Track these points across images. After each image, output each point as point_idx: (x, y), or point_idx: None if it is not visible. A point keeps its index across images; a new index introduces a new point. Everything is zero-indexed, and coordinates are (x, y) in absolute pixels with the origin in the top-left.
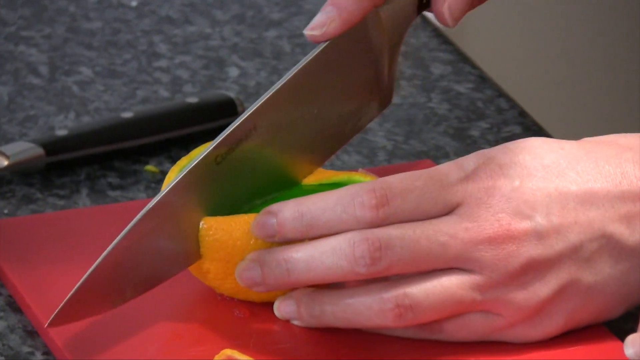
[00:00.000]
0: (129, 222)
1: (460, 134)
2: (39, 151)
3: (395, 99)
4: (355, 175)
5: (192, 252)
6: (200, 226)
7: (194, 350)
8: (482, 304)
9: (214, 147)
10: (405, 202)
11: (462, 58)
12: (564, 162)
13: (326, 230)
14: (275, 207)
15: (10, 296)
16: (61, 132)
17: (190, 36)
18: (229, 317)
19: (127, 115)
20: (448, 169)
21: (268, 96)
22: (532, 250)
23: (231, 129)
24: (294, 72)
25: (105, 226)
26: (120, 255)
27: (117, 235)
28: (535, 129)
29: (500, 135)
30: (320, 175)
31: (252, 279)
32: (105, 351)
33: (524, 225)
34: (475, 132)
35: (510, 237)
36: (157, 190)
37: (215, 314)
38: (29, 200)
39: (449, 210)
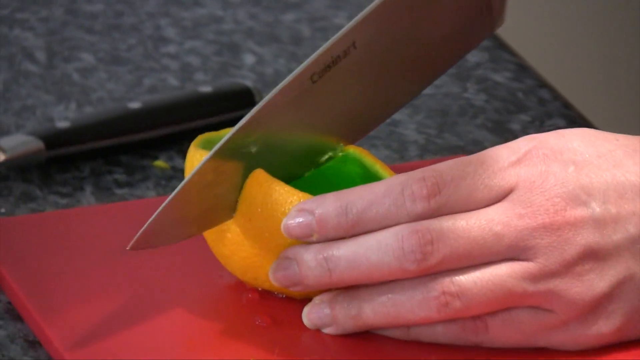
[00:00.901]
0: (137, 221)
1: (499, 127)
2: (38, 144)
3: (427, 89)
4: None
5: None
6: (251, 174)
7: None
8: (533, 296)
9: (311, 64)
10: (458, 189)
11: (500, 44)
12: (619, 153)
13: (374, 226)
14: (310, 203)
15: (9, 303)
16: (62, 124)
17: (200, 19)
18: (250, 325)
19: (134, 105)
20: (498, 152)
21: (367, 13)
22: (589, 238)
23: (329, 45)
24: None
25: (111, 226)
26: (209, 175)
27: (125, 236)
28: (580, 122)
29: (543, 129)
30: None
31: (289, 278)
32: None
33: (580, 211)
34: (515, 126)
35: (566, 223)
36: (167, 187)
37: (234, 322)
38: (27, 199)
39: (502, 196)
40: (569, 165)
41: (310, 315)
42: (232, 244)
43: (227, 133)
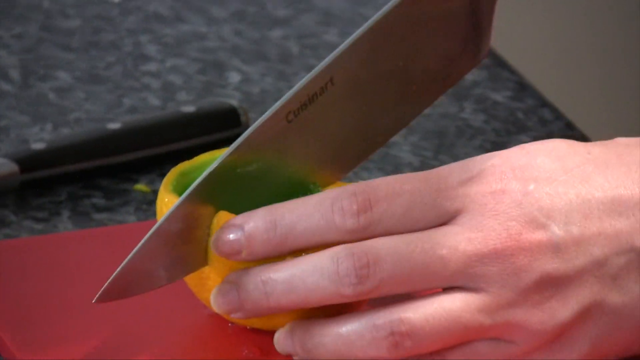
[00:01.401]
0: (117, 248)
1: (499, 149)
2: (13, 167)
3: None
4: None
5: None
6: (214, 220)
7: None
8: (492, 329)
9: (286, 102)
10: (392, 207)
11: (499, 62)
12: (589, 167)
13: (304, 242)
14: (240, 218)
15: None
16: (37, 146)
17: (183, 36)
18: (236, 356)
19: (114, 126)
20: (449, 169)
21: (346, 46)
22: (547, 265)
23: (306, 82)
24: (375, 20)
25: (89, 253)
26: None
27: (105, 263)
28: None
29: None
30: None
31: (229, 303)
32: None
33: (538, 235)
34: None
35: (521, 249)
36: (148, 212)
37: (221, 354)
38: (1, 224)
39: (446, 219)
40: (529, 183)
41: (279, 342)
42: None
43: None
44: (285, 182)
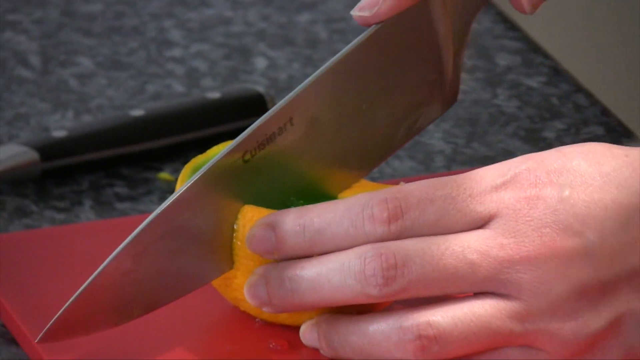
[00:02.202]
0: None
1: (533, 136)
2: (33, 156)
3: None
4: None
5: (216, 261)
6: (239, 215)
7: None
8: (522, 337)
9: (242, 142)
10: (424, 215)
11: (533, 47)
12: (627, 171)
13: (333, 247)
14: (273, 217)
15: (3, 326)
16: (58, 134)
17: (207, 21)
18: (263, 349)
19: (137, 113)
20: (483, 173)
21: (307, 85)
22: (581, 274)
23: (263, 121)
24: (339, 58)
25: (111, 244)
26: (127, 262)
27: None
28: (620, 130)
29: (580, 137)
30: (360, 187)
31: (258, 297)
32: None
33: (573, 242)
34: (549, 134)
35: (554, 257)
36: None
37: (245, 345)
38: (22, 214)
39: (479, 225)
40: (565, 189)
41: (305, 336)
42: (242, 288)
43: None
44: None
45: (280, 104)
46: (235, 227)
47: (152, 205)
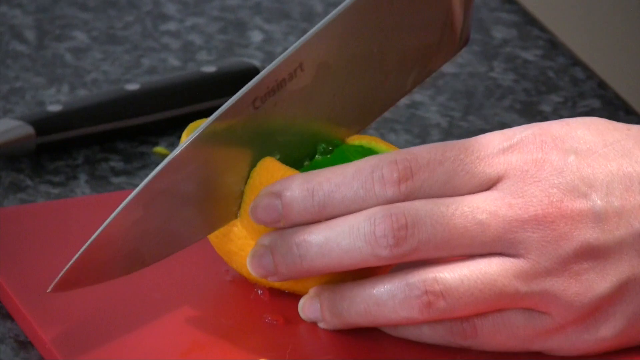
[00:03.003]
0: None
1: (529, 109)
2: (28, 130)
3: (452, 68)
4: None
5: (223, 209)
6: (258, 163)
7: None
8: (527, 298)
9: (252, 88)
10: (434, 175)
11: (529, 20)
12: (629, 143)
13: (343, 210)
14: (278, 185)
15: None
16: (53, 108)
17: None
18: (259, 324)
19: (132, 87)
20: (489, 138)
21: (317, 30)
22: (587, 234)
23: (273, 67)
24: (349, 3)
25: (107, 218)
26: (139, 210)
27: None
28: (617, 103)
29: (577, 111)
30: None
31: (264, 267)
32: None
33: (579, 204)
34: (546, 107)
35: (562, 217)
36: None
37: (242, 320)
38: (17, 188)
39: (487, 187)
40: (570, 154)
41: (305, 309)
42: (239, 238)
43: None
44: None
45: (290, 49)
46: (250, 176)
47: None
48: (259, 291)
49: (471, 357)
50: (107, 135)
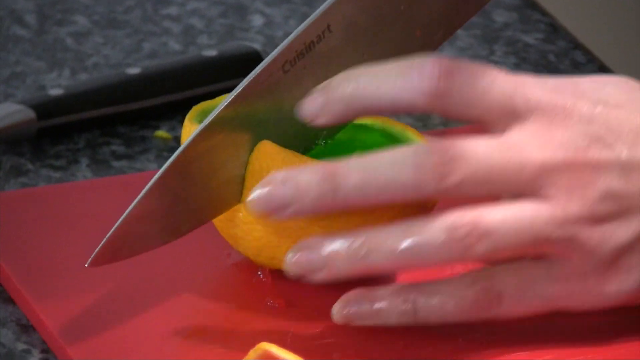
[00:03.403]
0: (137, 196)
1: None
2: (29, 114)
3: (453, 52)
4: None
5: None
6: (255, 148)
7: (219, 347)
8: (555, 244)
9: (282, 52)
10: (470, 82)
11: (530, 3)
12: None
13: (375, 101)
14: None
15: (0, 284)
16: (55, 92)
17: None
18: (261, 306)
19: (133, 71)
20: (524, 77)
21: None
22: (612, 182)
23: (301, 30)
24: None
25: (108, 202)
26: (173, 179)
27: (123, 212)
28: None
29: None
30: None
31: (283, 198)
32: (113, 349)
33: (605, 154)
34: None
35: (588, 165)
36: (169, 159)
37: (243, 304)
38: (18, 172)
39: (518, 112)
40: (598, 105)
41: (298, 259)
42: (245, 223)
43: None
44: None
45: (317, 11)
46: (249, 161)
47: (148, 164)
48: (260, 275)
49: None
50: (108, 119)
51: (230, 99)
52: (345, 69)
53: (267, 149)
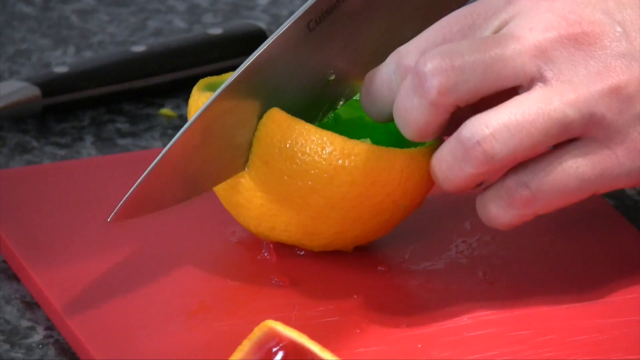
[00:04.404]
0: (142, 174)
1: None
2: (35, 91)
3: None
4: None
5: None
6: (264, 115)
7: (224, 323)
8: (575, 123)
9: (306, 11)
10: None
11: None
12: None
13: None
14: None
15: (4, 262)
16: (60, 70)
17: None
18: (265, 284)
19: (138, 49)
20: None
21: None
22: (613, 49)
23: None
24: None
25: (113, 179)
26: (197, 136)
27: (128, 190)
28: None
29: None
30: None
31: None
32: (118, 326)
33: (599, 20)
34: None
35: (585, 34)
36: (174, 137)
37: (248, 281)
38: (23, 150)
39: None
40: None
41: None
42: (247, 190)
43: (228, 78)
44: (318, 86)
45: None
46: (257, 128)
47: (153, 142)
48: (265, 253)
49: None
50: (113, 97)
51: (254, 57)
52: (369, 31)
53: (274, 116)
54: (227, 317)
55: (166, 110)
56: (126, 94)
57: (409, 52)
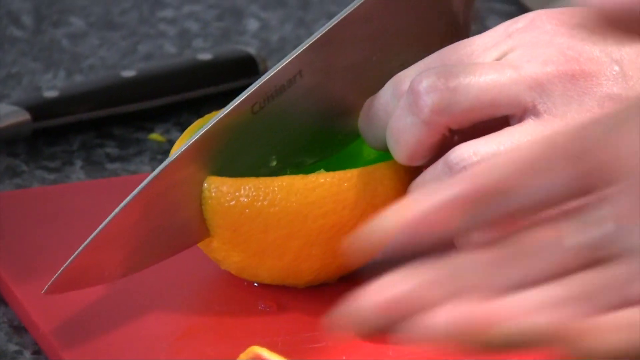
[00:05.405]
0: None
1: None
2: (24, 115)
3: None
4: None
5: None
6: (204, 186)
7: (210, 350)
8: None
9: (252, 93)
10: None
11: (523, 10)
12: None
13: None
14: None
15: None
16: (50, 94)
17: None
18: (252, 310)
19: (128, 74)
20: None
21: (319, 36)
22: (608, 88)
23: (272, 73)
24: (351, 9)
25: (102, 203)
26: (135, 212)
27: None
28: None
29: None
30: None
31: None
32: (105, 351)
33: (596, 57)
34: None
35: (582, 72)
36: (163, 162)
37: (235, 307)
38: (12, 174)
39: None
40: (577, 27)
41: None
42: (221, 251)
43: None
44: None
45: (288, 57)
46: (206, 194)
47: (142, 166)
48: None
49: None
50: (103, 121)
51: (198, 136)
52: (316, 111)
53: (216, 181)
54: (214, 342)
55: (156, 135)
56: (116, 118)
57: (407, 77)
